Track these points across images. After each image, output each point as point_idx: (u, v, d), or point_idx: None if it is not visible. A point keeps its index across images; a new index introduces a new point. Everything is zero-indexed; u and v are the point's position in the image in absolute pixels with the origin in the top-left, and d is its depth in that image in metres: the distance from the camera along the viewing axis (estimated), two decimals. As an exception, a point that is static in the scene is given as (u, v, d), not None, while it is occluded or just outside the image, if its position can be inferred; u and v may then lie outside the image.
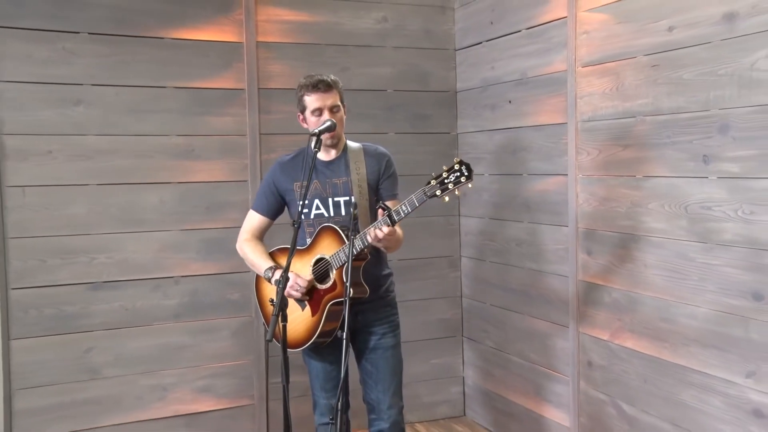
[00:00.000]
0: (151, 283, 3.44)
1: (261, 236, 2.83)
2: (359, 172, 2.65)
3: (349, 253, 2.36)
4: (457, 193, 2.34)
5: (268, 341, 2.22)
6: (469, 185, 2.34)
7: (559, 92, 3.22)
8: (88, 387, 3.35)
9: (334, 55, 3.73)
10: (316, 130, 2.51)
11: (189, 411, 3.53)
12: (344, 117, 2.69)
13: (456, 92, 4.03)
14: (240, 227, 3.57)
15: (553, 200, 3.31)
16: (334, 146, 2.68)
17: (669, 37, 2.64)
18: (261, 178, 3.56)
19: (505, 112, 3.62)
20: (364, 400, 2.74)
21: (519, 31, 3.48)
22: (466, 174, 2.31)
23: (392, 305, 2.78)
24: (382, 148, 2.78)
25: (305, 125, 2.67)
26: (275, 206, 2.79)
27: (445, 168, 2.35)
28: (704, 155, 2.51)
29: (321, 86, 2.58)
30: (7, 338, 3.20)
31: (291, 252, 2.34)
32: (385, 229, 2.38)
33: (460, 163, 2.33)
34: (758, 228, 2.33)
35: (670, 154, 2.66)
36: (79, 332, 3.33)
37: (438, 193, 2.33)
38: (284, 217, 2.84)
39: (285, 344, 2.35)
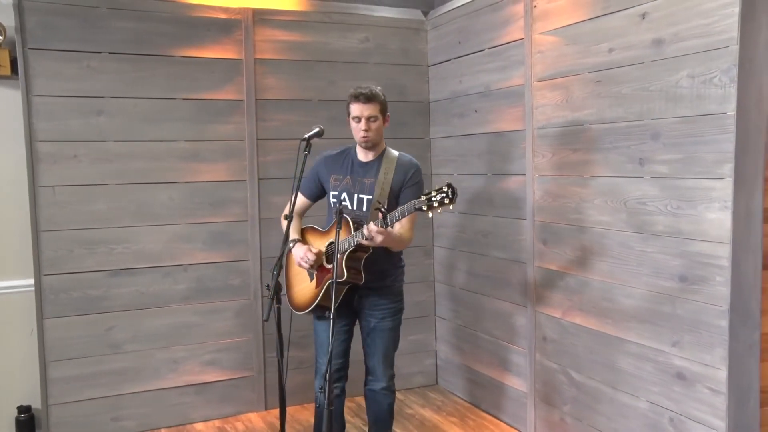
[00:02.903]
0: (162, 270, 3.44)
1: (301, 213, 2.87)
2: (386, 177, 2.64)
3: (335, 246, 2.37)
4: (439, 212, 2.33)
5: (264, 321, 2.25)
6: (450, 207, 2.31)
7: (518, 103, 3.23)
8: (111, 360, 3.36)
9: (322, 71, 3.72)
10: (306, 136, 2.52)
11: (198, 381, 3.55)
12: (382, 126, 2.67)
13: (429, 103, 4.01)
14: (240, 221, 3.56)
15: (514, 197, 3.31)
16: (370, 149, 2.68)
17: (609, 58, 2.69)
18: (258, 178, 3.59)
19: (471, 120, 3.63)
20: (364, 363, 2.79)
21: (483, 50, 3.49)
22: (450, 197, 2.29)
23: (395, 293, 2.76)
24: (414, 161, 2.75)
25: (350, 128, 2.69)
26: (315, 190, 2.82)
27: (435, 188, 2.34)
28: (640, 158, 2.57)
29: (361, 98, 2.60)
30: (41, 317, 3.22)
31: (284, 240, 2.39)
32: (372, 227, 2.39)
33: (448, 186, 2.31)
34: (684, 221, 2.41)
35: (612, 157, 2.71)
36: (102, 313, 3.34)
37: (423, 208, 2.34)
38: (315, 207, 2.89)
39: (280, 323, 2.36)
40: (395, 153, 2.74)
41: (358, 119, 2.62)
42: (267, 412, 3.69)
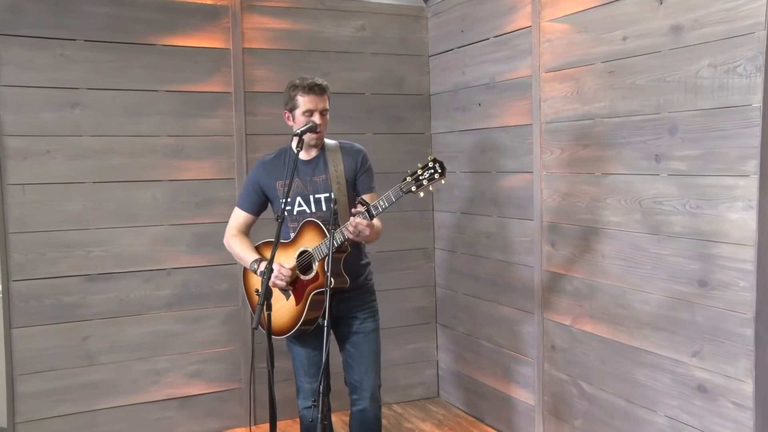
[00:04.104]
0: (144, 275, 3.42)
1: (247, 231, 2.82)
2: (337, 169, 2.64)
3: (329, 246, 2.37)
4: (431, 189, 2.32)
5: (254, 329, 2.21)
6: (442, 182, 2.31)
7: (525, 96, 3.22)
8: (86, 372, 3.32)
9: (315, 61, 3.71)
10: (299, 131, 2.50)
11: (181, 394, 3.52)
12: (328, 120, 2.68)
13: (429, 95, 4.02)
14: (227, 222, 3.61)
15: (520, 196, 3.31)
16: (317, 146, 2.68)
17: (623, 46, 2.67)
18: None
19: (475, 114, 3.62)
20: (345, 382, 2.74)
21: (487, 39, 3.48)
22: (439, 171, 2.29)
23: (371, 292, 2.78)
24: (357, 145, 2.76)
25: (291, 123, 2.65)
26: (259, 204, 2.78)
27: (420, 165, 2.32)
28: (656, 154, 2.55)
29: (316, 89, 2.57)
30: (8, 327, 3.17)
31: (275, 244, 2.35)
32: (365, 223, 2.38)
33: (434, 160, 2.31)
34: (703, 221, 2.39)
35: (626, 153, 2.69)
36: (76, 321, 3.30)
37: (413, 189, 2.32)
38: (267, 213, 2.85)
39: (270, 332, 2.35)
40: (334, 142, 2.74)
41: (310, 113, 2.59)
42: (256, 426, 3.66)
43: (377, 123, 3.90)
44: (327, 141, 2.73)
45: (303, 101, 2.59)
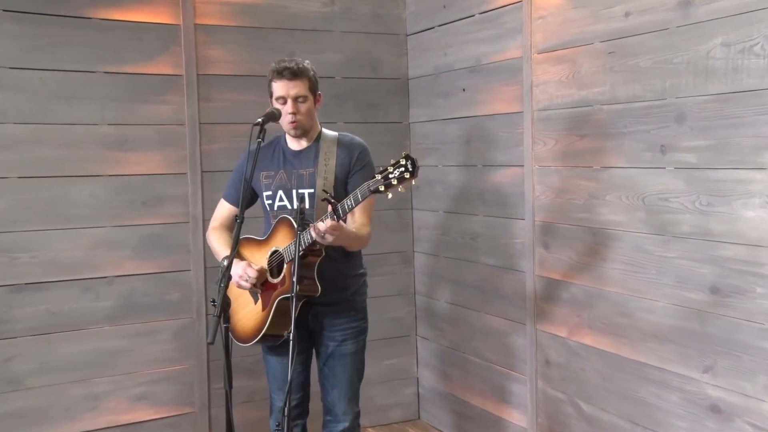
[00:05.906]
0: (81, 284, 3.37)
1: (230, 225, 2.83)
2: (328, 163, 2.64)
3: (296, 248, 2.36)
4: (400, 189, 2.30)
5: (209, 344, 2.18)
6: (413, 182, 2.30)
7: (515, 80, 3.23)
8: (9, 399, 3.24)
9: (278, 40, 3.69)
10: (259, 120, 2.48)
11: (124, 421, 3.47)
12: (314, 108, 2.67)
13: (408, 80, 4.04)
14: (180, 222, 3.56)
15: (509, 192, 3.32)
16: (300, 136, 2.68)
17: (625, 24, 2.67)
18: (201, 171, 3.58)
19: (458, 100, 3.63)
20: (321, 399, 2.76)
21: (472, 15, 3.49)
22: (410, 170, 2.27)
23: (358, 310, 2.77)
24: (358, 139, 2.76)
25: None
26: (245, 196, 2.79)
27: (391, 162, 2.32)
28: (661, 145, 2.56)
29: (286, 73, 2.58)
30: None
31: (234, 247, 2.33)
32: (328, 222, 2.36)
33: (406, 157, 2.29)
34: (715, 219, 2.39)
35: (627, 144, 2.70)
36: None
37: (381, 188, 2.30)
38: (256, 210, 2.83)
39: (227, 348, 2.31)
40: (333, 134, 2.75)
41: (284, 100, 2.61)
42: (212, 456, 3.64)
43: (349, 111, 3.89)
44: (326, 132, 2.74)
45: (275, 87, 2.62)
